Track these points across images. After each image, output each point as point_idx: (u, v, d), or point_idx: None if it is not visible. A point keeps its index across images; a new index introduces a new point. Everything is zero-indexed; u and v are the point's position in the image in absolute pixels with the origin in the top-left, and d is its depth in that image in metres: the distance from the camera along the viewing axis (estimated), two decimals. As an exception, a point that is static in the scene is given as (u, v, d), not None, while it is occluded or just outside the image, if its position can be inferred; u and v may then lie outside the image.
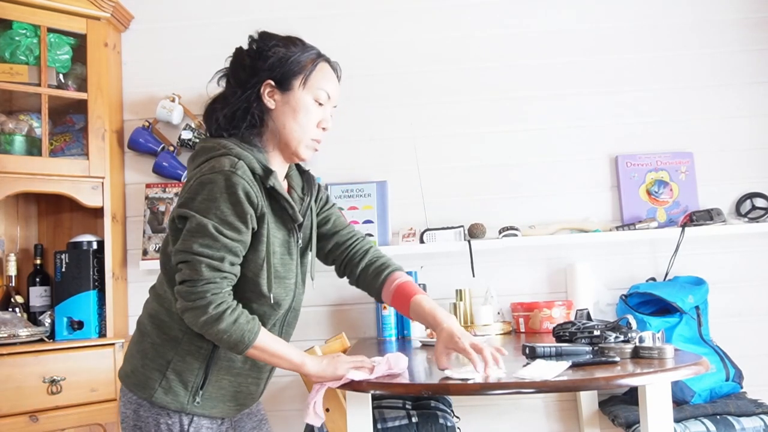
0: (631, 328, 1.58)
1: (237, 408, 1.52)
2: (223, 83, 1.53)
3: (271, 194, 1.43)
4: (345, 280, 1.70)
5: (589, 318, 1.90)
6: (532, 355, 1.50)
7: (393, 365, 1.45)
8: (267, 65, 1.45)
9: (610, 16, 2.69)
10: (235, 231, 1.35)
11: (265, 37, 1.49)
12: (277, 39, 1.49)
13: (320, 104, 1.49)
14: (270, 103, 1.46)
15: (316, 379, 1.43)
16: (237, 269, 1.38)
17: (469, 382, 1.32)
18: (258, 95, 1.45)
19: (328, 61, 1.53)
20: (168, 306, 1.43)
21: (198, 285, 1.32)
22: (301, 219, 1.49)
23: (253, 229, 1.39)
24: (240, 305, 1.37)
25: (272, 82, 1.46)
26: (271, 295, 1.41)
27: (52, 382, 2.26)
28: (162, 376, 1.41)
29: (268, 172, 1.42)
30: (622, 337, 1.57)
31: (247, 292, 1.42)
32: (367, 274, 1.65)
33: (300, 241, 1.52)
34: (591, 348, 1.56)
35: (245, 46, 1.50)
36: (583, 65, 2.68)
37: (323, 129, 1.51)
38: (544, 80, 2.67)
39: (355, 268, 1.66)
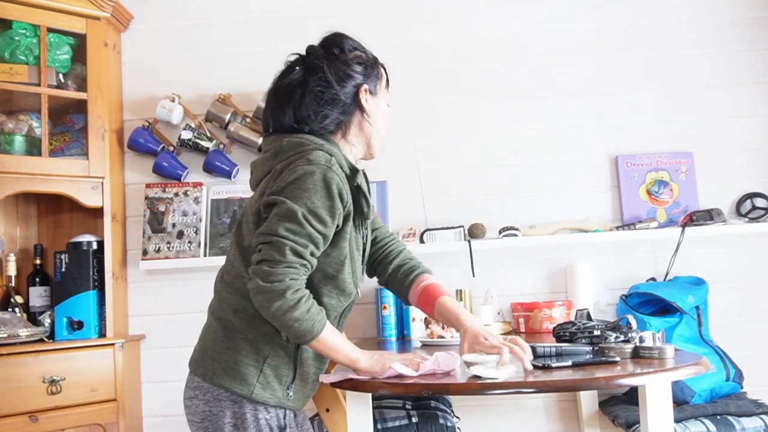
0: (631, 328, 1.58)
1: (307, 399, 1.54)
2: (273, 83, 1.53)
3: (352, 192, 1.46)
4: None
5: (589, 318, 1.90)
6: (533, 355, 1.50)
7: (441, 364, 1.44)
8: (361, 69, 1.51)
9: (610, 16, 2.69)
10: (322, 223, 1.37)
11: (346, 38, 1.54)
12: (356, 43, 1.56)
13: (388, 107, 1.61)
14: (366, 105, 1.51)
15: (365, 374, 1.42)
16: (315, 261, 1.39)
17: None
18: (356, 97, 1.50)
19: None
20: None
21: (279, 267, 1.32)
22: (372, 217, 1.53)
23: (337, 226, 1.41)
24: (311, 295, 1.38)
25: (367, 86, 1.52)
26: (358, 290, 1.48)
27: (52, 382, 2.26)
28: (259, 371, 1.41)
29: (354, 170, 1.46)
30: (622, 337, 1.57)
31: (321, 284, 1.45)
32: (396, 275, 1.67)
33: (365, 238, 1.56)
34: (591, 348, 1.56)
35: (329, 47, 1.52)
36: (583, 65, 2.68)
37: None
38: (545, 80, 2.67)
39: (387, 267, 1.68)
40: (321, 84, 1.46)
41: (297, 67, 1.50)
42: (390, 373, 1.40)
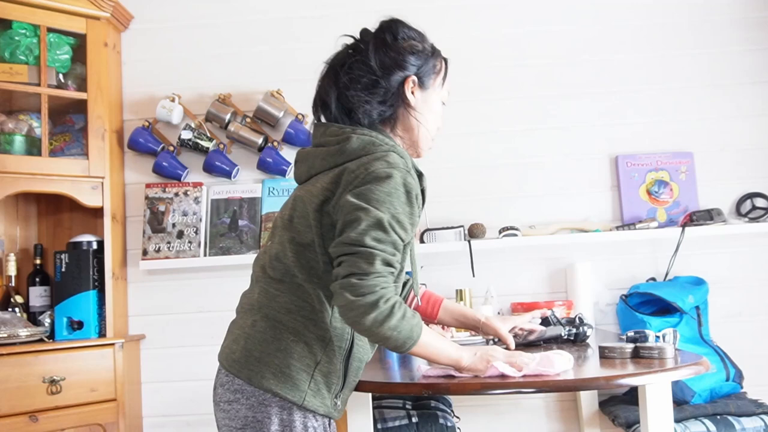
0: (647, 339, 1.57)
1: (344, 408, 1.44)
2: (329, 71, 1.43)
3: None
4: None
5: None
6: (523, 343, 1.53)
7: (546, 365, 1.34)
8: (414, 60, 1.40)
9: (611, 17, 2.69)
10: (404, 230, 1.29)
11: (402, 25, 1.45)
12: (414, 31, 1.45)
13: (443, 104, 1.49)
14: (412, 99, 1.41)
15: (468, 372, 1.35)
16: (400, 267, 1.33)
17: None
18: (401, 88, 1.40)
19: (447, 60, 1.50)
20: (312, 302, 1.32)
21: (369, 278, 1.22)
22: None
23: None
24: (402, 301, 1.28)
25: (416, 79, 1.41)
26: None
27: (52, 382, 2.26)
28: (310, 377, 1.31)
29: (420, 174, 1.37)
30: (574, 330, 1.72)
31: None
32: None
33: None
34: (567, 328, 1.57)
35: (381, 32, 1.43)
36: (583, 65, 2.67)
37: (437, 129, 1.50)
38: (545, 80, 2.67)
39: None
40: (362, 68, 1.38)
41: (348, 50, 1.42)
42: (492, 372, 1.32)
